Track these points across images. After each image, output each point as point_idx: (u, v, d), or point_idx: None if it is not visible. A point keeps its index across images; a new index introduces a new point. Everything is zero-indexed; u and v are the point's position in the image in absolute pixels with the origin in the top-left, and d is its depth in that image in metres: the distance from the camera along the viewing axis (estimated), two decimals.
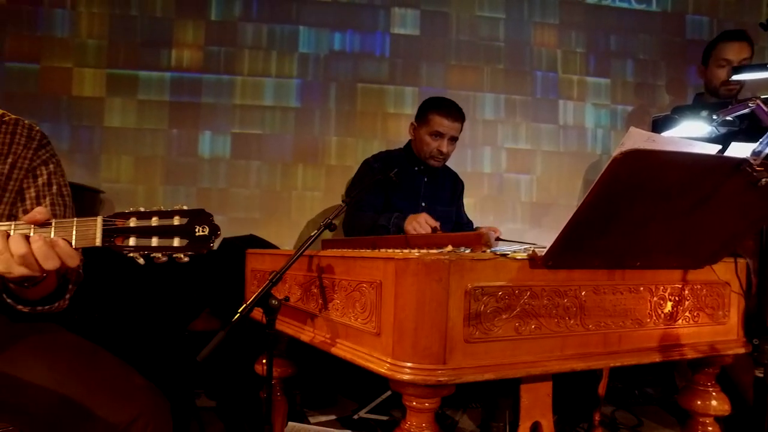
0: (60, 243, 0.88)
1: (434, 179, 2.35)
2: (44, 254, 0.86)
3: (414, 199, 2.27)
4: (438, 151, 2.19)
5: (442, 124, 2.15)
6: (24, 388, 0.99)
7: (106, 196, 2.72)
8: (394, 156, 2.34)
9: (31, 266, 0.87)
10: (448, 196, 2.40)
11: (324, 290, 1.20)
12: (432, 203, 2.30)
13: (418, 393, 0.95)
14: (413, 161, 2.29)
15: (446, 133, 2.16)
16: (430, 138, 2.18)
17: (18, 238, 0.86)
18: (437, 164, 2.25)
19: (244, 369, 1.86)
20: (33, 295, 1.06)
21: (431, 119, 2.17)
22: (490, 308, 0.95)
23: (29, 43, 2.72)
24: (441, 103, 2.20)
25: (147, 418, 0.99)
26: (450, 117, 2.15)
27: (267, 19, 2.86)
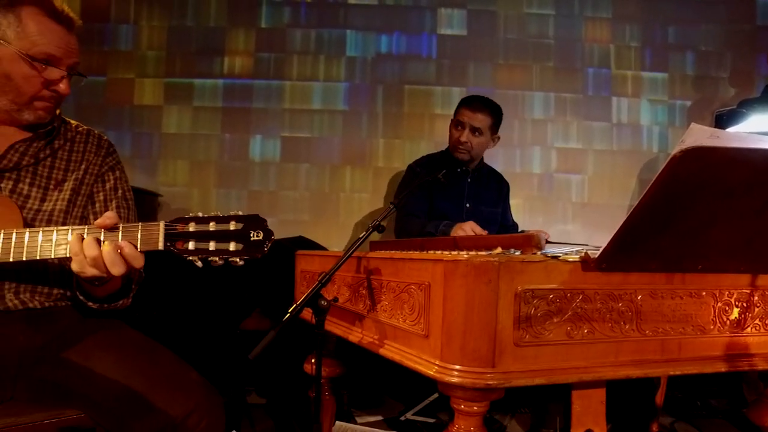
0: (126, 247, 0.93)
1: (478, 180, 2.33)
2: (112, 258, 0.92)
3: (458, 200, 2.26)
4: (458, 140, 2.18)
5: (462, 114, 2.18)
6: (94, 379, 1.05)
7: (164, 199, 2.85)
8: (436, 159, 2.34)
9: (101, 268, 0.93)
10: (493, 197, 2.37)
11: (372, 291, 1.21)
12: (476, 204, 2.28)
13: (466, 396, 0.94)
14: (455, 162, 2.27)
15: (466, 122, 2.16)
16: (454, 128, 2.22)
17: (91, 242, 0.92)
18: (461, 156, 2.22)
19: (294, 368, 1.90)
20: (101, 293, 1.13)
21: (457, 110, 2.22)
22: (540, 311, 0.93)
23: (98, 57, 2.90)
24: (469, 96, 2.25)
25: (202, 412, 1.03)
26: (469, 106, 2.16)
27: (315, 24, 2.92)
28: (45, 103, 1.16)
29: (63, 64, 1.14)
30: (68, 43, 1.15)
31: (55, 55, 1.12)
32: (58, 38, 1.13)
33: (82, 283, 1.09)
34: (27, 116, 1.16)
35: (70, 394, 1.06)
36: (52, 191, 1.20)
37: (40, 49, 1.10)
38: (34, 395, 1.09)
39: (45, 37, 1.10)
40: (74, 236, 0.94)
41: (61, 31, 1.14)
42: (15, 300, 1.13)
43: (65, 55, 1.14)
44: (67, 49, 1.14)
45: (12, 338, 1.11)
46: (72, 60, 1.17)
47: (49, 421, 1.05)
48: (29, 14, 1.10)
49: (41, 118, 1.18)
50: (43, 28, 1.11)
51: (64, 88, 1.16)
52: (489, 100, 2.19)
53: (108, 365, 1.07)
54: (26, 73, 1.11)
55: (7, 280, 1.12)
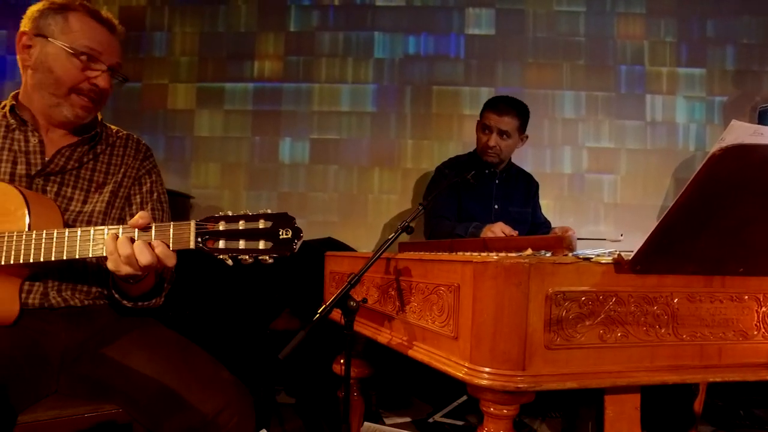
0: (159, 246, 0.96)
1: (506, 180, 2.31)
2: (145, 256, 0.95)
3: (486, 202, 2.25)
4: (486, 145, 2.17)
5: (489, 117, 2.15)
6: (130, 376, 1.08)
7: (196, 201, 2.92)
8: (463, 161, 2.33)
9: (134, 266, 0.96)
10: (522, 197, 2.35)
11: (401, 293, 1.21)
12: (505, 204, 2.26)
13: (496, 399, 0.93)
14: (483, 163, 2.25)
15: (493, 126, 2.14)
16: (481, 132, 2.19)
17: (124, 241, 0.96)
18: (491, 159, 2.20)
19: (322, 368, 1.92)
20: (135, 292, 1.16)
21: (483, 114, 2.20)
22: (572, 314, 0.91)
23: (134, 64, 2.99)
24: (494, 98, 2.22)
25: (233, 409, 1.05)
26: (496, 110, 2.14)
27: (343, 27, 2.94)
28: (83, 99, 1.20)
29: (104, 60, 1.20)
30: (109, 42, 1.21)
31: (95, 49, 1.18)
32: (100, 35, 1.20)
33: (118, 281, 1.12)
34: (66, 112, 1.19)
35: (108, 390, 1.10)
36: (93, 193, 1.25)
37: (82, 43, 1.16)
38: (75, 389, 1.13)
39: (86, 34, 1.17)
40: (109, 236, 0.97)
41: (103, 30, 1.21)
42: (58, 297, 1.18)
43: (106, 52, 1.20)
44: (108, 47, 1.21)
45: (55, 334, 1.16)
46: (113, 60, 1.23)
47: (90, 414, 1.09)
48: (75, 15, 1.17)
49: (79, 116, 1.21)
50: (86, 26, 1.18)
51: (103, 83, 1.21)
52: (514, 101, 2.17)
53: (143, 362, 1.10)
54: (66, 65, 1.16)
55: (50, 279, 1.17)
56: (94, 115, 1.27)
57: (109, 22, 1.23)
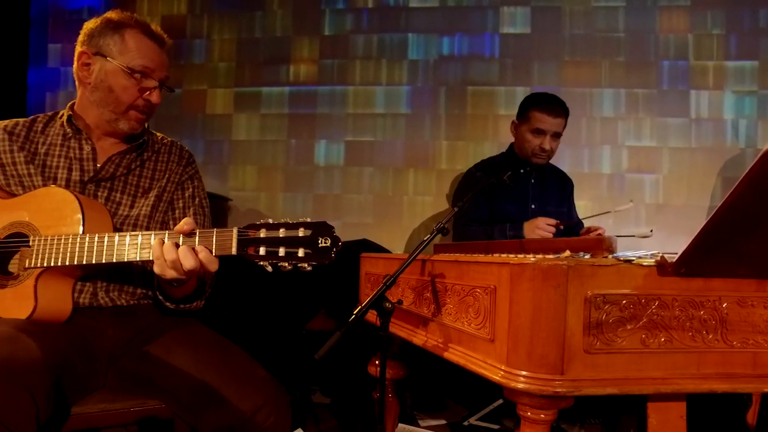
0: (202, 252, 0.99)
1: (542, 179, 2.26)
2: (189, 261, 0.98)
3: (523, 202, 2.20)
4: (540, 149, 2.10)
5: (544, 121, 2.07)
6: (172, 373, 1.12)
7: (233, 203, 2.99)
8: (496, 162, 2.28)
9: (179, 270, 1.00)
10: (557, 196, 2.29)
11: (437, 294, 1.20)
12: (542, 204, 2.21)
13: (533, 403, 0.91)
14: (517, 163, 2.21)
15: (548, 130, 2.07)
16: (532, 135, 2.11)
17: (170, 246, 0.99)
18: (541, 161, 2.15)
19: (358, 369, 1.93)
20: (178, 294, 1.20)
21: (532, 116, 2.10)
22: (612, 317, 0.89)
23: (174, 71, 3.09)
24: (542, 98, 2.12)
25: (270, 408, 1.07)
26: (552, 113, 2.06)
27: (377, 29, 2.96)
28: (138, 114, 1.27)
29: (156, 76, 1.26)
30: (160, 57, 1.28)
31: (149, 67, 1.24)
32: (152, 53, 1.26)
33: (162, 284, 1.17)
34: (122, 126, 1.27)
35: (152, 386, 1.14)
36: (139, 198, 1.30)
37: (138, 62, 1.22)
38: (122, 385, 1.18)
39: (142, 52, 1.23)
40: (156, 241, 1.01)
41: (155, 47, 1.27)
42: (106, 298, 1.23)
43: (158, 68, 1.26)
44: (159, 63, 1.27)
45: (103, 332, 1.21)
46: (163, 73, 1.29)
47: (135, 409, 1.13)
48: (131, 34, 1.23)
49: (134, 128, 1.28)
50: (141, 44, 1.23)
51: (156, 98, 1.27)
52: (562, 100, 2.12)
53: (184, 360, 1.13)
54: (125, 84, 1.23)
55: (99, 279, 1.22)
56: (144, 125, 1.33)
57: (160, 37, 1.29)
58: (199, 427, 1.10)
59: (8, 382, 0.88)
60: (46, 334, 1.05)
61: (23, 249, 1.12)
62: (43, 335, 1.03)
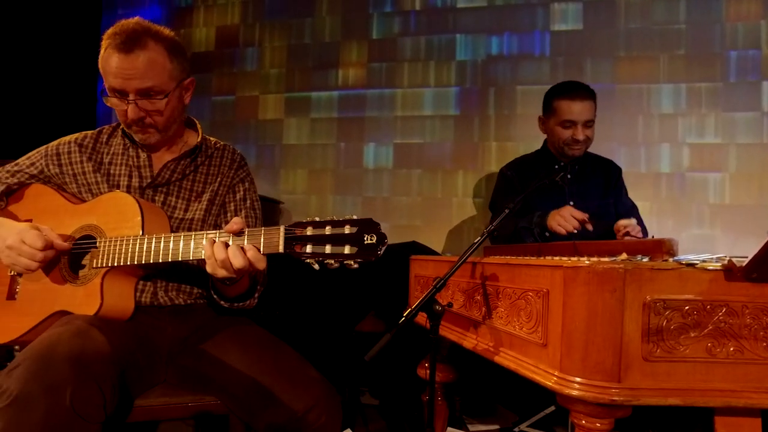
0: (250, 250, 1.02)
1: (580, 173, 2.10)
2: (238, 259, 1.01)
3: (559, 199, 2.03)
4: (573, 140, 1.96)
5: (571, 111, 1.93)
6: (226, 370, 1.16)
7: (284, 206, 3.07)
8: (529, 160, 2.18)
9: (229, 269, 1.03)
10: (600, 188, 2.12)
11: (488, 297, 1.19)
12: (581, 200, 2.04)
13: (588, 411, 0.88)
14: (551, 159, 2.09)
15: (577, 119, 1.93)
16: (562, 128, 1.98)
17: (220, 246, 1.03)
18: (577, 153, 2.01)
19: (407, 371, 1.93)
20: (231, 293, 1.24)
21: (557, 107, 1.97)
22: (674, 324, 0.85)
23: (228, 78, 3.22)
24: (563, 86, 2.00)
25: (321, 408, 1.09)
26: (577, 98, 1.92)
27: (424, 31, 2.95)
28: (137, 128, 1.26)
29: (128, 91, 1.19)
30: (125, 69, 1.17)
31: (114, 87, 1.20)
32: (117, 69, 1.17)
33: (216, 283, 1.21)
34: (138, 139, 1.30)
35: (208, 382, 1.18)
36: (193, 202, 1.35)
37: (108, 83, 1.20)
38: (180, 380, 1.23)
39: (108, 72, 1.18)
40: (207, 241, 1.04)
41: (120, 59, 1.16)
42: (165, 297, 1.29)
43: (125, 82, 1.18)
44: (126, 75, 1.17)
45: (163, 330, 1.27)
46: (135, 83, 1.18)
47: (193, 404, 1.18)
48: (104, 53, 1.19)
49: (143, 141, 1.29)
50: (108, 63, 1.18)
51: (131, 114, 1.21)
52: (584, 84, 1.99)
53: (238, 358, 1.17)
54: (113, 103, 1.23)
55: (159, 279, 1.29)
56: (159, 136, 1.30)
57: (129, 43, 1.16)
58: (253, 424, 1.13)
59: (80, 373, 0.94)
60: (112, 330, 1.11)
61: (92, 250, 1.19)
62: (109, 331, 1.09)
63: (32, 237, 1.12)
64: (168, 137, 1.33)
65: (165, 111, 1.25)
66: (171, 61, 1.23)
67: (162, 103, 1.23)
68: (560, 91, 2.00)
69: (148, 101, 1.22)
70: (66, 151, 1.34)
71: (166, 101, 1.24)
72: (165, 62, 1.22)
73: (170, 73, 1.23)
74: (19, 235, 1.12)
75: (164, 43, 1.22)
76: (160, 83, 1.21)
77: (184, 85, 1.31)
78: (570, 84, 2.00)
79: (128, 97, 1.20)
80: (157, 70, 1.20)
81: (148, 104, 1.22)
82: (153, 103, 1.22)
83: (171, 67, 1.23)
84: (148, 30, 1.19)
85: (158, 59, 1.20)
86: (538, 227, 1.82)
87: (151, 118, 1.25)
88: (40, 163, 1.34)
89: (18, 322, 1.21)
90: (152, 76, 1.20)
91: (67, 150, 1.34)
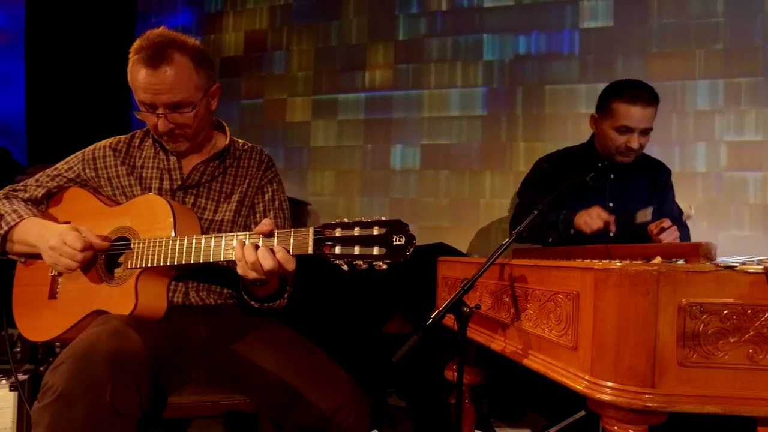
0: (280, 252, 1.03)
1: (624, 174, 1.98)
2: (268, 261, 1.02)
3: (598, 200, 1.90)
4: (627, 148, 1.83)
5: (630, 116, 1.77)
6: (255, 369, 1.18)
7: (312, 207, 3.09)
8: (570, 154, 2.07)
9: (259, 270, 1.04)
10: (644, 192, 1.99)
11: (516, 299, 1.17)
12: (622, 202, 1.94)
13: (621, 417, 0.86)
14: (595, 156, 1.98)
15: (636, 126, 1.78)
16: (616, 133, 1.83)
17: (250, 248, 1.04)
18: (626, 160, 1.89)
19: (434, 373, 1.92)
20: (262, 293, 1.26)
21: (615, 110, 1.81)
22: (711, 329, 0.82)
23: (257, 82, 3.27)
24: (625, 86, 1.82)
25: (349, 408, 1.09)
26: (639, 103, 1.76)
27: (451, 31, 2.94)
28: (166, 138, 1.30)
29: (157, 105, 1.22)
30: (153, 85, 1.19)
31: (144, 101, 1.23)
32: (145, 83, 1.19)
33: (246, 284, 1.23)
34: (168, 147, 1.33)
35: (238, 381, 1.20)
36: (222, 203, 1.38)
37: (139, 97, 1.23)
38: (211, 379, 1.26)
39: (137, 85, 1.21)
40: (238, 243, 1.06)
41: (147, 73, 1.18)
42: (196, 297, 1.32)
43: (154, 96, 1.21)
44: (155, 90, 1.19)
45: (195, 329, 1.30)
46: (164, 98, 1.20)
47: (223, 402, 1.21)
48: (132, 67, 1.22)
49: (176, 149, 1.33)
50: (136, 77, 1.20)
51: (161, 128, 1.25)
52: (649, 86, 1.83)
53: (267, 358, 1.19)
54: (144, 116, 1.27)
55: (190, 280, 1.32)
56: (189, 144, 1.33)
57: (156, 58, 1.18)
58: (282, 423, 1.14)
59: (118, 371, 0.98)
60: (147, 330, 1.14)
61: (127, 251, 1.23)
62: (144, 331, 1.12)
63: (73, 238, 1.16)
64: (198, 143, 1.36)
65: (194, 122, 1.28)
66: (197, 72, 1.25)
67: (190, 116, 1.26)
68: (620, 92, 1.82)
69: (177, 114, 1.24)
70: (101, 156, 1.39)
71: (194, 113, 1.26)
72: (191, 74, 1.24)
73: (196, 84, 1.25)
74: (61, 236, 1.16)
75: (190, 54, 1.23)
76: (187, 96, 1.23)
77: (210, 93, 1.33)
78: (632, 85, 1.82)
79: (157, 111, 1.23)
80: (184, 83, 1.22)
81: (177, 117, 1.25)
82: (182, 115, 1.25)
83: (197, 78, 1.25)
84: (173, 42, 1.21)
85: (184, 72, 1.22)
86: (564, 223, 1.77)
87: (181, 129, 1.28)
88: (77, 167, 1.39)
89: (59, 321, 1.26)
90: (180, 90, 1.21)
91: (102, 154, 1.39)
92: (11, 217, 1.28)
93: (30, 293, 1.33)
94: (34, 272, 1.34)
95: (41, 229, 1.24)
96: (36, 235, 1.24)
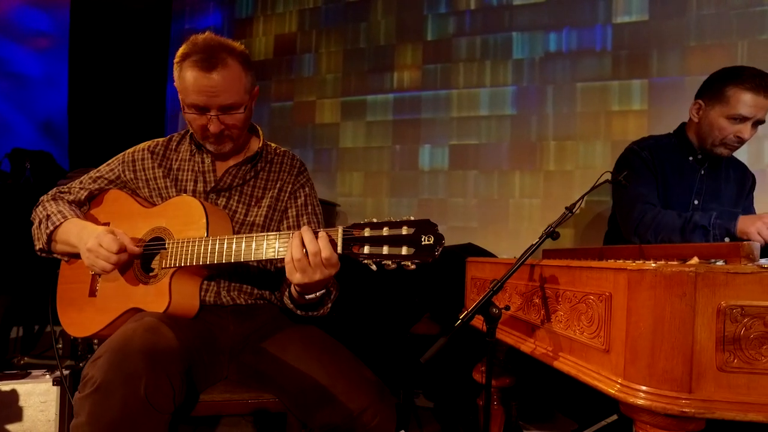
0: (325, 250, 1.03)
1: (714, 171, 1.85)
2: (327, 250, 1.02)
3: (684, 196, 1.82)
4: (736, 138, 1.70)
5: (748, 105, 1.64)
6: (285, 369, 1.19)
7: (341, 208, 3.12)
8: (663, 144, 1.90)
9: (318, 263, 1.04)
10: (732, 193, 1.87)
11: (546, 301, 1.15)
12: (708, 201, 1.82)
13: (656, 422, 0.84)
14: (687, 149, 1.85)
15: (752, 115, 1.65)
16: (727, 122, 1.69)
17: (311, 238, 1.04)
18: (727, 153, 1.77)
19: (462, 374, 1.90)
20: (303, 301, 1.26)
21: (731, 97, 1.66)
22: (754, 333, 0.78)
23: (286, 85, 3.32)
24: (744, 73, 1.67)
25: (376, 409, 1.10)
26: (761, 92, 1.62)
27: (480, 30, 2.91)
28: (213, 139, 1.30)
29: (210, 107, 1.24)
30: (209, 87, 1.21)
31: (197, 104, 1.24)
32: (200, 86, 1.21)
33: (292, 292, 1.23)
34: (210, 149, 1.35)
35: (267, 380, 1.22)
36: (253, 207, 1.40)
37: (189, 100, 1.25)
38: (241, 377, 1.28)
39: (189, 89, 1.23)
40: (295, 240, 1.04)
41: (203, 77, 1.21)
42: (227, 297, 1.35)
43: (209, 99, 1.23)
44: (210, 93, 1.22)
45: (225, 328, 1.32)
46: (219, 100, 1.23)
47: (252, 401, 1.22)
48: (184, 69, 1.23)
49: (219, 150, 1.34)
50: (188, 80, 1.22)
51: (214, 128, 1.27)
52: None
53: (297, 358, 1.20)
54: (189, 117, 1.29)
55: (222, 280, 1.34)
56: (233, 145, 1.35)
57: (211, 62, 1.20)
58: (309, 423, 1.15)
59: (152, 365, 1.01)
60: (180, 328, 1.17)
61: (161, 251, 1.26)
62: (177, 328, 1.15)
63: (108, 241, 1.20)
64: (239, 144, 1.39)
65: (242, 123, 1.31)
66: (246, 75, 1.28)
67: (241, 117, 1.29)
68: (739, 78, 1.67)
69: (228, 116, 1.27)
70: (140, 158, 1.43)
71: (244, 114, 1.30)
72: (242, 77, 1.27)
73: (245, 86, 1.28)
74: (97, 239, 1.21)
75: (239, 58, 1.26)
76: (239, 98, 1.27)
77: (253, 95, 1.35)
78: (752, 71, 1.66)
79: (209, 113, 1.25)
80: (236, 86, 1.25)
81: (228, 118, 1.27)
82: (233, 116, 1.28)
83: (246, 80, 1.28)
84: (224, 46, 1.24)
85: (237, 75, 1.25)
86: (719, 228, 1.62)
87: (229, 131, 1.30)
88: (117, 170, 1.44)
89: (98, 317, 1.30)
90: (233, 92, 1.24)
91: (140, 157, 1.43)
92: (56, 217, 1.34)
93: (72, 291, 1.38)
94: (76, 270, 1.39)
95: (80, 231, 1.28)
96: (76, 235, 1.29)
